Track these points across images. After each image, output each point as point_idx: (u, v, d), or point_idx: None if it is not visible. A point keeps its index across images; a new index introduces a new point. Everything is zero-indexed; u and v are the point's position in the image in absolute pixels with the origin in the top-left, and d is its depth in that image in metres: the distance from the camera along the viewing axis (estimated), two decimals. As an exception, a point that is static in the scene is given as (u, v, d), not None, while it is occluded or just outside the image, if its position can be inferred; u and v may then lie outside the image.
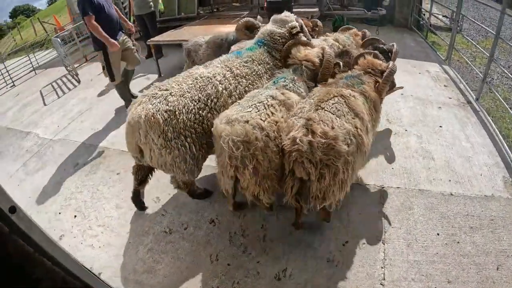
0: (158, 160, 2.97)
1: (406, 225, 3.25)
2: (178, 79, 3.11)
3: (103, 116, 5.82)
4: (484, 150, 4.16)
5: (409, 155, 4.09)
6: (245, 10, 8.59)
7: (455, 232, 3.15)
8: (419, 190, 3.61)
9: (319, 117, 2.58)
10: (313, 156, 2.49)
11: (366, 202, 3.52)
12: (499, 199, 3.46)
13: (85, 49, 9.67)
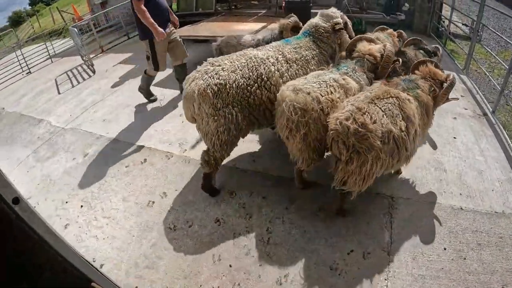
0: (204, 128, 3.34)
1: (413, 237, 3.16)
2: (232, 57, 3.42)
3: (115, 108, 5.82)
4: (498, 165, 4.04)
5: (421, 166, 3.99)
6: (263, 9, 8.53)
7: (462, 248, 3.06)
8: (429, 203, 3.52)
9: (367, 109, 2.77)
10: (347, 140, 2.73)
11: (374, 211, 3.44)
12: (509, 216, 3.36)
13: (102, 40, 9.71)
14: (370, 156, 2.75)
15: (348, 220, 3.33)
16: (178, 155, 4.35)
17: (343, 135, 2.73)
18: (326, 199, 3.51)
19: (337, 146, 2.82)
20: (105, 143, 4.86)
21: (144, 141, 4.73)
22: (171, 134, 4.78)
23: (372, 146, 2.71)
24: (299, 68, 3.55)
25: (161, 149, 4.50)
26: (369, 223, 3.31)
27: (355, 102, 2.87)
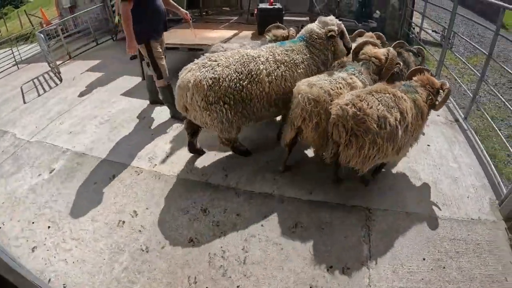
0: (200, 119, 3.56)
1: (392, 249, 3.10)
2: (227, 54, 3.63)
3: (82, 119, 5.51)
4: (472, 171, 4.05)
5: (396, 175, 3.94)
6: (234, 15, 8.38)
7: (441, 257, 3.03)
8: (406, 213, 3.46)
9: (365, 98, 3.10)
10: (346, 123, 3.02)
11: (351, 224, 3.35)
12: (485, 223, 3.36)
13: (70, 46, 9.30)
14: (367, 139, 3.05)
15: (325, 235, 3.22)
16: (148, 170, 4.14)
17: (343, 119, 3.04)
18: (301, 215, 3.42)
19: (338, 130, 3.12)
20: (71, 158, 4.58)
21: (112, 155, 4.49)
22: (140, 147, 4.55)
23: (369, 129, 3.02)
24: (286, 69, 3.68)
25: (130, 164, 4.27)
26: (347, 237, 3.22)
27: (355, 92, 3.22)
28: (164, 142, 4.57)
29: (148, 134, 4.80)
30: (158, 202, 3.67)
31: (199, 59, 3.56)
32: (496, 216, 3.44)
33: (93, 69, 7.68)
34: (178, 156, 4.30)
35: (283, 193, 3.67)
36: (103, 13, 10.08)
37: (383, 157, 3.28)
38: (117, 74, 6.94)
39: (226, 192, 3.73)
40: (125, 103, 5.70)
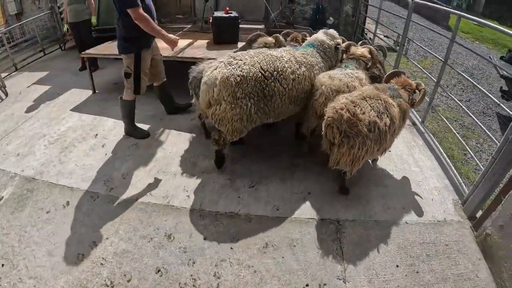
0: (221, 114, 3.60)
1: (365, 260, 3.02)
2: (250, 53, 3.79)
3: (30, 139, 4.99)
4: (433, 173, 4.08)
5: (362, 184, 3.86)
6: (189, 23, 8.07)
7: (413, 262, 3.00)
8: (375, 221, 3.39)
9: (359, 103, 3.30)
10: (340, 125, 3.21)
11: (323, 238, 3.21)
12: (451, 223, 3.39)
13: (16, 57, 8.56)
14: (358, 141, 3.22)
15: (297, 253, 3.06)
16: (104, 195, 3.75)
17: (338, 121, 3.22)
18: (271, 234, 3.24)
19: (332, 131, 3.29)
20: (21, 184, 4.09)
21: (65, 179, 4.04)
22: (94, 169, 4.15)
23: (360, 132, 3.20)
24: (306, 70, 3.94)
25: (84, 188, 3.86)
26: (319, 252, 3.07)
27: (349, 97, 3.38)
28: (120, 162, 4.20)
29: (101, 154, 4.39)
30: (118, 231, 3.31)
31: (224, 58, 3.68)
32: (461, 215, 3.49)
33: (40, 82, 7.04)
34: (136, 178, 3.96)
35: (249, 211, 3.46)
36: (51, 20, 9.39)
37: (369, 157, 3.54)
38: (66, 87, 6.41)
39: (190, 215, 3.45)
40: (75, 120, 5.24)
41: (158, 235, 3.24)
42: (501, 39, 16.05)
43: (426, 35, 12.47)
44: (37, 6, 9.83)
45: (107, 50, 6.04)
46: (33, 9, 9.87)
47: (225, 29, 5.66)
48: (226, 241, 3.15)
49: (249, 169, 4.05)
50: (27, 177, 4.13)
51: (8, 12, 10.31)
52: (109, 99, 5.76)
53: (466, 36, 14.71)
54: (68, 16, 6.90)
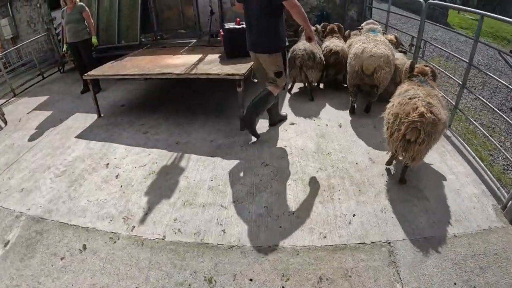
0: (383, 75, 4.68)
1: (423, 281, 2.63)
2: (370, 39, 4.92)
3: (34, 171, 4.39)
4: (469, 179, 3.69)
5: (404, 199, 3.44)
6: (193, 38, 7.59)
7: (469, 277, 2.67)
8: (425, 238, 2.99)
9: (434, 103, 3.37)
10: (426, 127, 3.23)
11: (377, 264, 2.77)
12: (496, 231, 3.06)
13: (13, 82, 7.90)
14: (435, 138, 3.36)
15: (354, 284, 2.61)
16: (126, 236, 3.19)
17: (425, 124, 3.22)
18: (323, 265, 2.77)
19: (417, 132, 3.25)
20: (28, 225, 3.51)
21: (77, 218, 3.48)
22: (109, 204, 3.58)
23: (437, 129, 3.32)
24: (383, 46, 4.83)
25: (101, 229, 3.30)
26: (377, 280, 2.64)
27: (420, 98, 3.40)
28: (138, 195, 3.64)
29: (116, 187, 3.83)
30: (149, 278, 2.75)
31: (360, 40, 4.95)
32: (503, 221, 3.18)
33: (41, 107, 6.43)
34: (160, 212, 3.40)
35: (295, 242, 2.97)
36: (48, 43, 8.81)
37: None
38: (68, 112, 5.85)
39: (229, 253, 2.92)
40: (82, 148, 4.67)
41: (197, 280, 2.71)
42: (500, 31, 16.01)
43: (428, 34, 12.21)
44: (33, 29, 9.29)
45: (112, 70, 5.50)
46: (28, 32, 9.32)
47: (238, 41, 5.12)
48: (275, 280, 2.66)
49: (283, 194, 3.57)
50: (34, 217, 3.57)
51: (4, 36, 9.87)
52: (117, 124, 5.25)
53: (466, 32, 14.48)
54: (67, 36, 6.42)
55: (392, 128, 3.46)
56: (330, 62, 5.46)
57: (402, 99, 3.49)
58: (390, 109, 3.58)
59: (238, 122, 4.86)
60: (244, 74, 4.62)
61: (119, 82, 6.83)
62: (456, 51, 11.26)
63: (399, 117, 3.37)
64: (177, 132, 4.87)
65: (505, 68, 9.59)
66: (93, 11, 7.26)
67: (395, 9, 14.20)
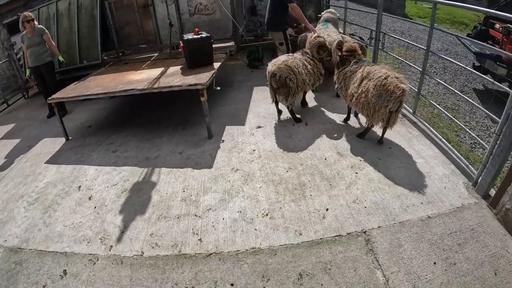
0: None
1: (403, 265, 2.72)
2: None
3: (7, 202, 4.24)
4: (437, 161, 3.84)
5: (375, 188, 3.53)
6: (155, 52, 7.62)
7: (448, 255, 2.78)
8: (400, 223, 3.08)
9: (398, 76, 3.92)
10: (403, 97, 3.80)
11: (355, 254, 2.83)
12: (469, 207, 3.22)
13: None
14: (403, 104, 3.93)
15: (335, 276, 2.66)
16: (105, 256, 3.15)
17: (404, 96, 3.80)
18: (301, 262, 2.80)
19: (399, 102, 3.80)
20: (6, 257, 3.40)
21: (55, 244, 3.41)
22: (85, 227, 3.53)
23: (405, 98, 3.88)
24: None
25: (79, 252, 3.25)
26: (357, 270, 2.70)
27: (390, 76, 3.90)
28: (113, 214, 3.61)
29: (90, 208, 3.77)
30: None
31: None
32: (475, 197, 3.34)
33: (8, 136, 6.26)
34: (135, 228, 3.38)
35: (272, 242, 3.01)
36: (9, 69, 8.52)
37: None
38: (36, 138, 5.71)
39: (208, 261, 2.93)
40: (53, 173, 4.58)
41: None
42: (457, 17, 16.52)
43: (387, 25, 12.51)
44: (-7, 56, 9.04)
45: (76, 91, 5.41)
46: (-11, 59, 9.06)
47: (198, 51, 5.21)
48: (256, 282, 2.68)
49: (255, 197, 3.60)
50: (12, 248, 3.48)
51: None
52: (86, 145, 5.19)
53: (423, 21, 14.81)
54: (29, 60, 6.27)
55: (377, 106, 3.90)
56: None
57: (376, 82, 3.92)
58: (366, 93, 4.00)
59: (205, 131, 4.90)
60: (206, 83, 4.65)
61: (84, 102, 6.74)
62: (416, 39, 11.71)
63: (383, 97, 3.84)
64: (146, 147, 4.86)
65: (464, 52, 9.92)
66: (53, 33, 7.17)
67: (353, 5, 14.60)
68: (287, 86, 4.60)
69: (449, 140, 4.60)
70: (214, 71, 4.99)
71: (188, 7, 7.28)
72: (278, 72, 4.57)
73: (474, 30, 8.40)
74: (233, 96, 6.28)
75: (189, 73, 5.22)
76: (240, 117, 5.41)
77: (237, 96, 6.28)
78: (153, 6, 7.39)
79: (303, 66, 4.75)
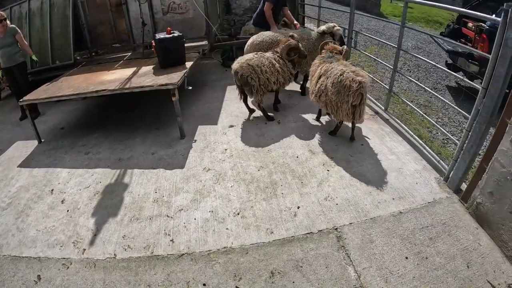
0: None
1: (374, 260, 2.79)
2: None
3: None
4: (409, 157, 3.96)
5: (346, 184, 3.62)
6: (128, 51, 7.54)
7: (419, 249, 2.86)
8: (371, 219, 3.17)
9: (355, 70, 4.03)
10: (363, 90, 3.86)
11: (327, 251, 2.89)
12: (441, 202, 3.33)
13: None
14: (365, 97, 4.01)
15: (306, 273, 2.72)
16: (78, 260, 3.14)
17: (364, 88, 3.86)
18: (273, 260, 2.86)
19: (361, 96, 3.89)
20: None
21: (28, 249, 3.37)
22: (58, 231, 3.50)
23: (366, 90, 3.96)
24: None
25: (53, 256, 3.22)
26: (328, 266, 2.76)
27: (349, 66, 4.16)
28: (85, 217, 3.59)
29: (63, 212, 3.74)
30: None
31: None
32: (447, 192, 3.47)
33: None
34: (108, 231, 3.38)
35: (243, 241, 3.05)
36: None
37: None
38: (9, 142, 5.60)
39: (180, 262, 2.95)
40: (26, 177, 4.51)
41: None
42: (431, 16, 16.89)
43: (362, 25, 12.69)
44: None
45: (47, 93, 5.33)
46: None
47: (170, 50, 5.24)
48: (228, 281, 2.72)
49: (226, 197, 3.65)
50: (-20, 258, 3.45)
51: None
52: (58, 147, 5.13)
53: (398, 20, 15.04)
54: (1, 61, 6.15)
55: (339, 103, 4.02)
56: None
57: (333, 80, 4.04)
58: (326, 91, 4.14)
59: (178, 132, 4.93)
60: (177, 83, 4.68)
61: (57, 103, 6.66)
62: (390, 38, 11.92)
63: (342, 92, 3.95)
64: (119, 148, 4.85)
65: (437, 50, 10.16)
66: (25, 33, 7.02)
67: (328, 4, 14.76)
68: (249, 84, 4.69)
69: (421, 136, 4.74)
70: (186, 70, 5.02)
71: (162, 6, 7.24)
72: (239, 70, 4.67)
73: (447, 29, 8.57)
74: (207, 95, 6.34)
75: (161, 73, 5.24)
76: (213, 116, 5.46)
77: (211, 95, 6.33)
78: (126, 5, 7.29)
79: (269, 65, 4.76)
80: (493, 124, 3.06)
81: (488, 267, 2.67)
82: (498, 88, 2.86)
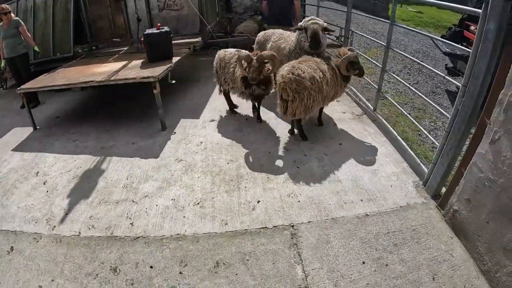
0: None
1: (327, 262, 2.81)
2: None
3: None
4: (389, 159, 3.99)
5: (314, 183, 3.71)
6: (126, 46, 7.90)
7: (380, 255, 2.82)
8: (333, 219, 3.21)
9: (298, 67, 4.06)
10: (291, 85, 3.96)
11: (278, 248, 2.99)
12: (415, 206, 3.28)
13: None
14: (305, 94, 4.00)
15: (251, 267, 2.83)
16: (47, 235, 3.43)
17: (289, 83, 3.96)
18: (221, 251, 3.01)
19: (286, 91, 4.01)
20: None
21: (7, 223, 3.71)
22: (35, 209, 3.82)
23: (305, 86, 3.97)
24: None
25: (27, 231, 3.53)
26: (275, 263, 2.85)
27: (289, 64, 4.17)
28: (61, 198, 3.90)
29: (43, 193, 4.07)
30: (63, 271, 3.00)
31: None
32: (424, 197, 3.40)
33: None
34: (78, 212, 3.66)
35: (196, 230, 3.23)
36: None
37: (316, 105, 4.24)
38: (8, 128, 6.03)
39: (134, 244, 3.17)
40: (17, 160, 4.89)
41: (104, 269, 2.95)
42: (441, 21, 16.54)
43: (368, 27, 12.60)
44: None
45: (44, 82, 5.72)
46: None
47: (157, 45, 5.56)
48: (174, 267, 2.90)
49: (191, 187, 3.84)
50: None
51: None
52: (51, 135, 5.48)
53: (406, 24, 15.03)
54: (4, 52, 6.59)
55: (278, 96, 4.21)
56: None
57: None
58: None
59: (159, 124, 5.18)
60: (158, 76, 4.93)
61: (57, 94, 7.07)
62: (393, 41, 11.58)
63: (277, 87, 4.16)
64: (105, 137, 5.13)
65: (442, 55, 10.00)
66: (29, 26, 7.48)
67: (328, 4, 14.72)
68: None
69: (408, 139, 4.74)
70: (170, 65, 5.28)
71: (158, 3, 7.60)
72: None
73: (448, 32, 8.42)
74: (196, 91, 6.59)
75: (147, 67, 5.51)
76: (197, 110, 5.70)
77: (201, 90, 6.58)
78: (124, 1, 7.73)
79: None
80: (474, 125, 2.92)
81: (458, 281, 2.58)
82: (477, 85, 2.74)
